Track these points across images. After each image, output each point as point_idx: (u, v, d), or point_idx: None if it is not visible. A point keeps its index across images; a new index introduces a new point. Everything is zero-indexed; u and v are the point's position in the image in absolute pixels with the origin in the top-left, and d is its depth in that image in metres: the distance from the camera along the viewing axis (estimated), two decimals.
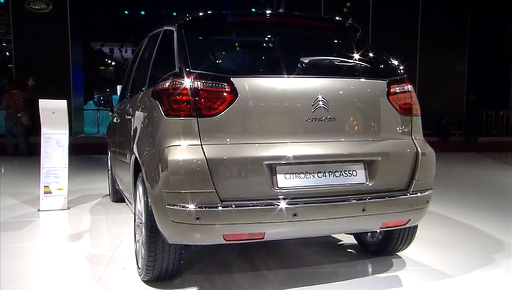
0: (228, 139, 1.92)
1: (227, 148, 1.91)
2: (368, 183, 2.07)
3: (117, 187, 3.87)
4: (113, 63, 24.12)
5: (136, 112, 2.48)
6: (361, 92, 2.16)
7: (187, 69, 1.96)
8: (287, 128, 2.01)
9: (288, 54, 2.40)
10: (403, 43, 11.36)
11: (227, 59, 2.39)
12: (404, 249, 2.61)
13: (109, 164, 4.28)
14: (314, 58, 2.13)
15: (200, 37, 2.24)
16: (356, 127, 2.13)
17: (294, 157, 1.97)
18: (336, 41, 2.56)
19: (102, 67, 26.26)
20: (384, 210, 2.06)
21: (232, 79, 1.95)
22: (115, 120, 3.53)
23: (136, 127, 2.43)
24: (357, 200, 2.01)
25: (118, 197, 4.17)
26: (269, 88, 2.01)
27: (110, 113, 4.01)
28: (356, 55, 2.33)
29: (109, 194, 4.45)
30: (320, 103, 2.02)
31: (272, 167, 1.94)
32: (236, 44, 2.47)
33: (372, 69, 2.31)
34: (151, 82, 2.36)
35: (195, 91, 1.91)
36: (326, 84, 2.08)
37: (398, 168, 2.15)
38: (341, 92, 2.11)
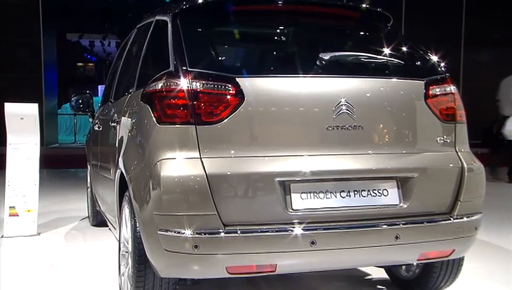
0: (232, 151, 1.94)
1: (231, 162, 1.93)
2: (401, 204, 2.07)
3: (98, 208, 3.90)
4: (93, 59, 24.44)
5: (122, 118, 2.51)
6: (393, 95, 2.17)
7: (184, 68, 1.98)
8: (303, 138, 2.03)
9: (305, 49, 2.43)
10: (444, 35, 11.37)
11: (231, 55, 2.43)
12: (447, 286, 2.59)
13: (89, 180, 4.32)
14: (336, 54, 2.15)
15: (200, 29, 2.27)
16: (387, 137, 2.14)
17: (312, 173, 1.98)
18: (362, 33, 2.58)
19: (80, 64, 26.58)
20: (422, 238, 2.06)
21: (237, 79, 1.98)
22: (96, 128, 3.57)
23: (122, 137, 2.45)
24: (388, 225, 2.01)
25: (98, 220, 4.20)
26: (282, 90, 2.03)
27: (91, 120, 4.06)
28: (387, 50, 2.34)
29: (88, 217, 4.48)
30: (344, 107, 2.04)
31: (285, 184, 1.95)
32: (243, 37, 2.50)
33: (406, 67, 2.32)
34: (140, 82, 2.39)
35: (193, 93, 1.93)
36: (350, 86, 2.10)
37: (439, 186, 2.15)
38: (368, 95, 2.12)
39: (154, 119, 1.98)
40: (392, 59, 2.30)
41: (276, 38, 2.58)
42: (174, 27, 2.18)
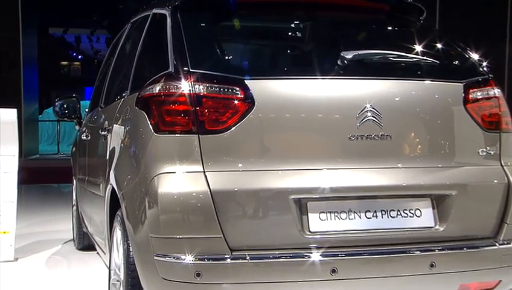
0: (240, 165, 1.96)
1: (239, 177, 1.94)
2: (437, 227, 2.07)
3: (85, 230, 3.92)
4: (80, 57, 24.72)
5: (114, 125, 2.54)
6: (426, 99, 2.17)
7: (185, 68, 2.01)
8: (322, 149, 2.04)
9: (324, 47, 2.44)
10: (486, 29, 11.34)
11: (240, 54, 2.44)
12: None
13: (74, 197, 4.35)
14: (360, 52, 2.16)
15: (204, 24, 2.29)
16: (420, 149, 2.14)
17: (333, 189, 1.98)
18: (390, 28, 2.60)
19: (65, 63, 26.86)
20: (461, 267, 2.05)
21: (246, 82, 1.99)
22: (84, 137, 3.61)
23: (113, 147, 2.48)
24: (422, 251, 2.00)
25: (85, 243, 4.22)
26: (297, 94, 2.04)
27: (77, 127, 4.10)
28: (419, 48, 2.35)
29: (73, 240, 4.50)
30: (369, 114, 2.05)
31: (302, 203, 1.96)
32: (253, 33, 2.52)
33: (441, 67, 2.33)
34: (135, 85, 2.42)
35: (196, 98, 1.95)
36: (376, 89, 2.11)
37: (481, 206, 2.14)
38: (397, 99, 2.13)
39: (151, 127, 2.00)
40: (425, 58, 2.31)
41: (291, 34, 2.60)
42: (174, 21, 2.21)
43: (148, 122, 2.01)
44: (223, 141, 1.96)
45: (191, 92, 1.96)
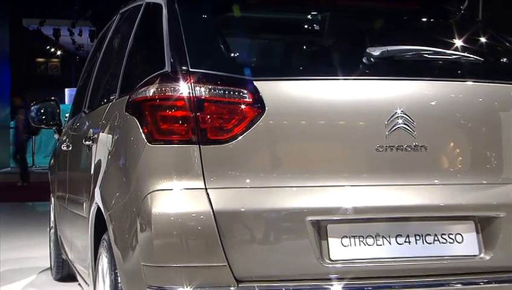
0: (248, 180, 1.96)
1: (247, 195, 1.95)
2: (482, 255, 2.06)
3: (64, 256, 3.92)
4: (59, 53, 24.87)
5: (101, 134, 2.56)
6: (468, 103, 2.17)
7: (184, 67, 2.02)
8: (344, 162, 2.04)
9: (346, 43, 2.45)
10: None
11: (248, 51, 2.47)
12: None
13: (52, 218, 4.36)
14: (390, 48, 2.16)
15: (205, 15, 2.30)
16: (460, 162, 2.14)
17: (357, 210, 1.98)
18: (425, 19, 2.61)
19: (41, 60, 27.08)
20: None
21: (255, 83, 2.00)
22: (64, 147, 3.62)
23: (99, 160, 2.49)
24: (463, 284, 2.00)
25: (64, 272, 4.22)
26: (315, 98, 2.05)
27: (57, 136, 4.13)
28: (459, 43, 2.35)
29: (50, 268, 4.50)
30: (400, 121, 2.05)
31: (321, 225, 1.96)
32: (263, 26, 2.53)
33: (486, 65, 2.33)
34: (125, 87, 2.44)
35: (196, 102, 1.96)
36: (409, 91, 2.11)
37: None
38: (434, 104, 2.13)
39: (143, 136, 2.01)
40: (466, 54, 2.31)
41: (307, 27, 2.62)
42: (170, 12, 2.23)
43: (141, 130, 2.03)
44: (227, 153, 1.96)
45: (191, 95, 1.97)
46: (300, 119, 2.03)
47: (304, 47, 2.54)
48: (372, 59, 2.12)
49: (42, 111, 3.93)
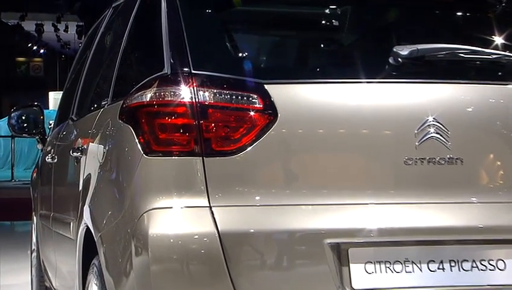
0: (258, 197, 1.97)
1: (256, 214, 1.96)
2: None
3: (47, 284, 3.94)
4: (42, 52, 24.98)
5: (90, 145, 2.57)
6: (511, 110, 2.17)
7: (185, 69, 2.03)
8: (367, 177, 2.04)
9: (371, 40, 2.46)
10: None
11: (258, 50, 2.47)
12: None
13: (34, 240, 4.37)
14: (420, 47, 2.13)
15: (209, 10, 2.32)
16: (502, 177, 2.13)
17: (383, 231, 1.98)
18: (460, 14, 2.60)
19: (22, 59, 27.23)
20: None
21: (266, 87, 2.01)
22: (48, 159, 3.62)
23: (89, 174, 2.50)
24: None
25: None
26: (334, 103, 2.06)
27: (40, 146, 4.13)
28: (499, 40, 2.35)
29: None
30: (432, 130, 2.05)
31: (341, 249, 1.96)
32: (275, 22, 2.53)
33: None
34: (118, 91, 2.45)
35: (200, 108, 1.97)
36: (442, 96, 2.11)
37: None
38: (471, 110, 2.12)
39: (139, 147, 2.02)
40: (508, 54, 2.29)
41: (325, 22, 2.62)
42: (170, 6, 2.23)
43: (136, 140, 2.03)
44: (235, 166, 1.97)
45: (193, 100, 1.98)
46: (318, 128, 2.04)
47: (322, 45, 2.55)
48: (399, 59, 2.12)
49: (24, 118, 3.95)
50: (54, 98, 20.78)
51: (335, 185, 2.02)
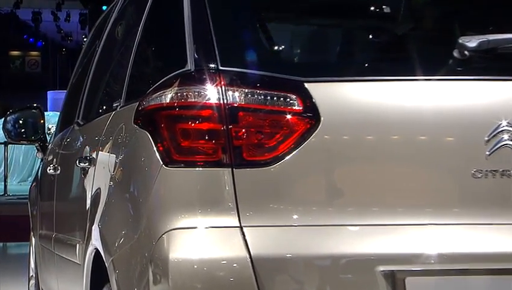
0: (296, 216, 1.97)
1: (294, 236, 1.96)
2: None
3: None
4: (39, 44, 25.17)
5: (100, 154, 2.60)
6: None
7: (211, 65, 2.04)
8: (427, 192, 2.04)
9: (429, 30, 2.46)
10: None
11: (296, 43, 2.47)
12: None
13: (32, 265, 4.41)
14: (491, 38, 2.11)
15: None
16: None
17: (446, 258, 1.97)
18: None
19: (16, 53, 27.51)
20: None
21: (307, 85, 2.02)
22: (50, 170, 3.66)
23: (98, 188, 2.52)
24: None
25: None
26: (387, 105, 2.06)
27: (40, 155, 4.18)
28: None
29: None
30: (506, 137, 2.03)
31: (397, 278, 1.96)
32: (317, 9, 2.53)
33: None
34: (133, 92, 2.47)
35: (229, 111, 1.98)
36: None
37: None
38: None
39: (158, 156, 2.03)
40: None
41: (375, 9, 2.61)
42: None
43: (155, 148, 2.05)
44: (269, 179, 1.98)
45: (221, 101, 1.99)
46: (367, 134, 2.04)
47: (372, 36, 2.55)
48: (466, 52, 2.10)
49: (21, 122, 3.99)
50: (53, 98, 20.89)
51: (388, 202, 2.02)
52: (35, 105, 4.14)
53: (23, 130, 4.00)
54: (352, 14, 2.57)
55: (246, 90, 2.01)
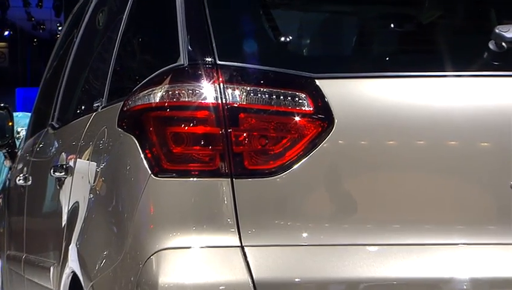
0: (305, 234, 1.98)
1: (303, 257, 1.97)
2: None
3: None
4: (6, 34, 25.25)
5: (79, 161, 2.61)
6: None
7: (208, 58, 2.05)
8: (457, 207, 2.05)
9: (458, 18, 2.46)
10: None
11: (305, 34, 2.49)
12: None
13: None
14: None
15: None
16: None
17: (479, 283, 1.98)
18: None
19: None
20: None
21: (318, 82, 2.02)
22: (20, 181, 3.67)
23: (76, 202, 2.54)
24: None
25: None
26: (410, 106, 2.07)
27: (8, 163, 4.19)
28: None
29: None
30: None
31: None
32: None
33: None
34: (117, 89, 2.50)
35: (228, 112, 1.99)
36: None
37: None
38: None
39: (146, 164, 2.04)
40: None
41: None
42: None
43: (142, 155, 2.05)
44: (275, 190, 1.99)
45: (219, 101, 2.00)
46: (388, 139, 2.06)
47: (393, 25, 2.55)
48: (503, 44, 2.11)
49: None
50: (23, 96, 20.90)
51: (412, 219, 2.03)
52: (1, 105, 4.13)
53: None
54: (371, 2, 2.58)
55: (248, 88, 2.02)
